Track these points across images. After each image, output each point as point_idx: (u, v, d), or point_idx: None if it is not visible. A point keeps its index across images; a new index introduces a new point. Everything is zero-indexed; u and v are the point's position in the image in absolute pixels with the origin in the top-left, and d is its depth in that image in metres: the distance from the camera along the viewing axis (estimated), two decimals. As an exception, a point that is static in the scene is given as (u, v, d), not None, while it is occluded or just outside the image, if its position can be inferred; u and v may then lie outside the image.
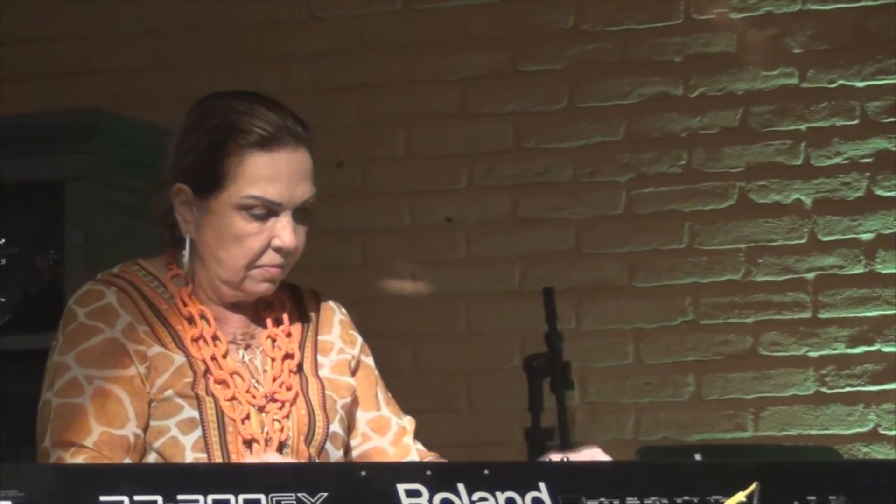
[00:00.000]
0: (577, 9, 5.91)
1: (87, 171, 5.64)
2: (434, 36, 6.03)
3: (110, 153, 5.64)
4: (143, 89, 5.65)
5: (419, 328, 5.74)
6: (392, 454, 3.72)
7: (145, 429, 3.53)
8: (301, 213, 3.56)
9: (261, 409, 3.60)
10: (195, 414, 3.54)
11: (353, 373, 3.78)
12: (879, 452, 5.40)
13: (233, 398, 3.56)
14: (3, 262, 5.75)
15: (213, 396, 3.55)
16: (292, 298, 3.76)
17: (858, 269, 5.64)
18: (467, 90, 5.99)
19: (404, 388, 3.92)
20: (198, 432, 3.53)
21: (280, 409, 3.63)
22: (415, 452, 3.71)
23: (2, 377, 5.56)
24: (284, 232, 3.54)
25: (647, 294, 5.80)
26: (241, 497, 3.00)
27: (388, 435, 3.79)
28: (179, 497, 2.94)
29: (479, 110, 5.97)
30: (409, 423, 3.82)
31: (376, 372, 3.80)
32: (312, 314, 3.77)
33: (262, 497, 3.00)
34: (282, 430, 3.60)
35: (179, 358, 3.56)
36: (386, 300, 5.82)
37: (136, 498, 2.92)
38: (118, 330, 3.55)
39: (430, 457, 3.66)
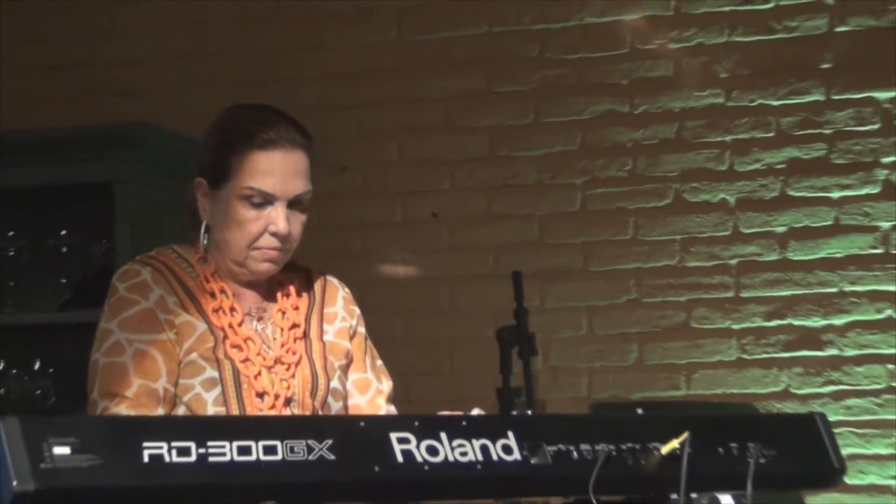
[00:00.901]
0: (541, 40, 5.92)
1: (132, 174, 5.66)
2: (422, 61, 6.03)
3: (151, 159, 5.64)
4: (178, 106, 5.67)
5: (409, 305, 5.76)
6: (364, 411, 3.78)
7: (175, 384, 3.59)
8: (296, 205, 3.62)
9: (269, 369, 3.65)
10: (215, 374, 3.60)
11: (350, 338, 3.83)
12: (789, 408, 5.42)
13: (246, 360, 3.62)
14: (64, 250, 5.80)
15: (230, 359, 3.61)
16: (304, 278, 3.83)
17: (773, 257, 5.65)
18: (451, 107, 6.00)
19: (397, 356, 3.98)
20: (217, 390, 3.59)
21: (286, 370, 3.69)
22: (383, 411, 3.77)
23: (64, 347, 5.55)
24: (279, 219, 3.61)
25: (598, 277, 5.82)
26: (261, 443, 3.05)
27: (367, 395, 3.85)
28: (209, 443, 2.99)
29: (461, 124, 5.98)
30: (387, 386, 3.87)
31: (368, 341, 3.85)
32: (320, 290, 3.83)
33: (277, 443, 3.06)
34: (288, 387, 3.65)
35: (202, 325, 3.61)
36: (381, 282, 5.84)
37: (174, 444, 2.97)
38: (152, 302, 3.61)
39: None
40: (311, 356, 3.69)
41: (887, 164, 5.58)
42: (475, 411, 3.42)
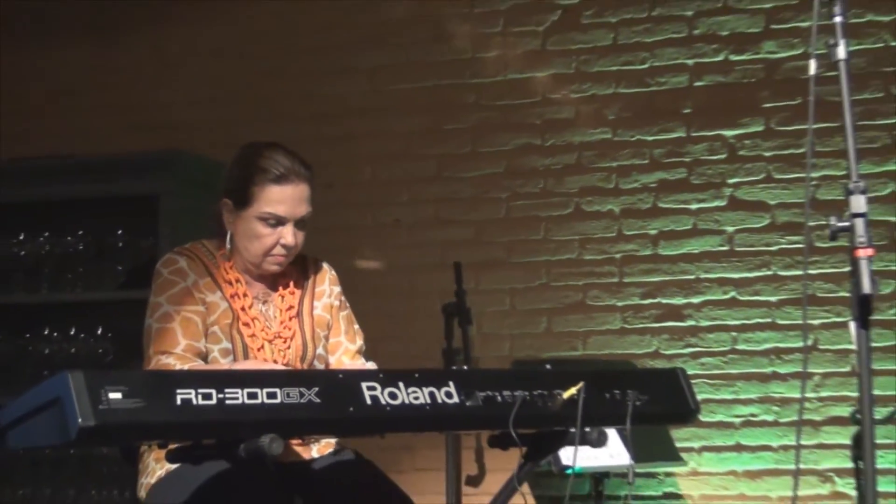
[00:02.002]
0: (476, 91, 5.89)
1: (171, 188, 5.64)
2: (389, 105, 5.99)
3: (186, 177, 5.62)
4: (206, 138, 5.64)
5: (378, 287, 5.73)
6: (344, 365, 3.79)
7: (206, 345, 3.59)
8: (300, 223, 3.62)
9: (270, 342, 3.64)
10: (229, 346, 3.60)
11: (331, 312, 3.83)
12: (659, 364, 5.41)
13: (252, 335, 3.62)
14: (120, 245, 5.77)
15: (240, 334, 3.60)
16: (300, 266, 3.86)
17: (647, 252, 5.62)
18: (409, 140, 5.96)
19: (368, 326, 3.97)
20: (229, 359, 3.59)
21: (283, 342, 3.69)
22: (347, 366, 3.76)
23: (120, 317, 5.53)
24: (288, 235, 3.62)
25: (518, 266, 5.78)
26: (265, 390, 3.04)
27: (336, 354, 3.84)
28: (226, 390, 2.98)
29: (416, 153, 5.94)
30: (356, 347, 3.87)
31: (343, 312, 3.86)
32: (312, 273, 3.86)
33: (277, 390, 3.04)
34: (284, 356, 3.65)
35: (224, 304, 3.62)
36: (357, 271, 5.81)
37: (200, 391, 2.95)
38: (189, 283, 3.63)
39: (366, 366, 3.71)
40: (303, 330, 3.70)
41: (732, 184, 5.57)
42: None
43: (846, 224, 3.04)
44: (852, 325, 3.06)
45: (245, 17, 6.22)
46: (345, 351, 3.78)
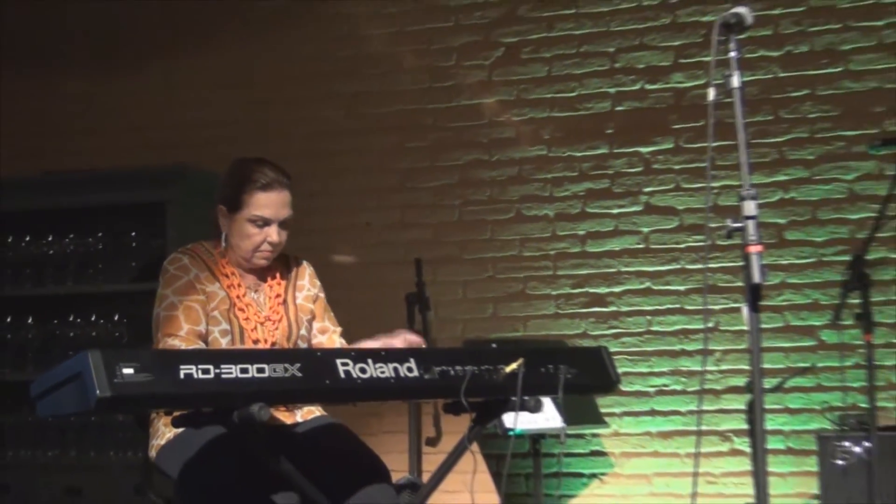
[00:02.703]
0: (434, 114, 5.88)
1: (177, 196, 5.59)
2: (363, 127, 5.97)
3: (189, 188, 5.57)
4: (206, 154, 5.58)
5: (350, 280, 5.70)
6: (324, 345, 3.77)
7: (207, 327, 3.59)
8: (283, 224, 3.62)
9: (261, 324, 3.63)
10: (227, 327, 3.59)
11: (313, 301, 3.81)
12: (586, 343, 5.41)
13: (246, 318, 3.61)
14: (134, 244, 5.73)
15: (237, 317, 3.60)
16: (284, 263, 3.85)
17: (577, 249, 5.62)
18: (379, 156, 5.94)
19: (342, 313, 3.93)
20: (228, 338, 3.59)
21: (273, 325, 3.68)
22: (337, 344, 3.75)
23: (133, 305, 5.50)
24: (273, 234, 3.62)
25: (470, 262, 5.77)
26: (255, 366, 3.03)
27: (325, 336, 3.83)
28: (222, 366, 2.96)
29: (385, 167, 5.93)
30: (338, 330, 3.87)
31: (325, 302, 3.84)
32: (295, 269, 3.83)
33: (265, 366, 3.03)
34: (273, 336, 3.63)
35: (222, 293, 3.61)
36: (334, 265, 5.79)
37: (200, 366, 2.94)
38: (191, 277, 3.62)
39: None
40: (288, 315, 3.70)
41: (647, 192, 5.57)
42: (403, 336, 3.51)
43: (740, 225, 3.06)
44: (745, 310, 3.08)
45: (242, 50, 6.19)
46: (333, 331, 3.80)
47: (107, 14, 6.36)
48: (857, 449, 4.34)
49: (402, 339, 3.54)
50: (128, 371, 2.80)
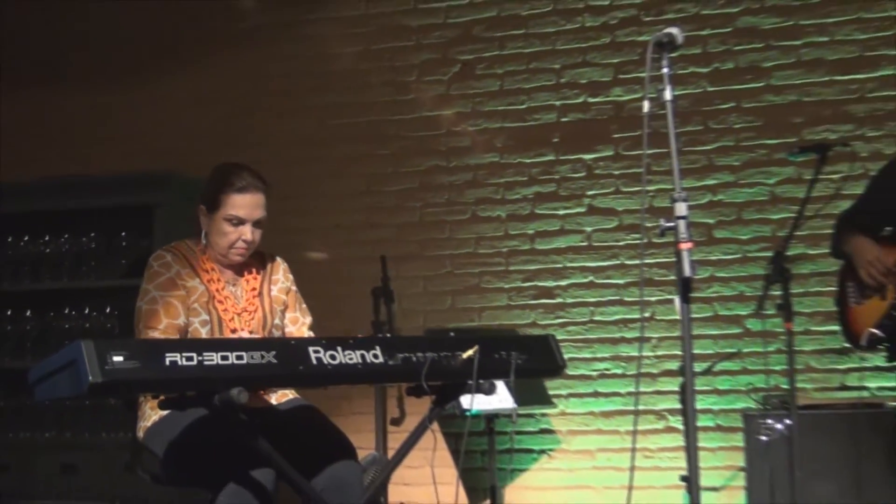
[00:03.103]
0: (397, 125, 5.87)
1: (164, 200, 5.56)
2: (333, 137, 5.95)
3: (175, 192, 5.54)
4: (193, 160, 5.52)
5: (322, 275, 5.68)
6: (295, 335, 3.78)
7: (187, 320, 3.57)
8: (257, 223, 3.62)
9: (238, 315, 3.62)
10: (207, 318, 3.57)
11: (286, 294, 3.81)
12: (535, 332, 5.39)
13: (225, 309, 3.59)
14: (124, 244, 5.69)
15: (216, 309, 3.59)
16: (260, 259, 3.86)
17: (526, 247, 5.62)
18: (347, 162, 5.92)
19: (315, 304, 3.93)
20: (207, 328, 3.57)
21: (249, 315, 3.67)
22: (307, 334, 3.76)
23: (123, 299, 5.48)
24: (247, 233, 3.61)
25: (429, 258, 5.76)
26: (234, 354, 3.02)
27: (296, 326, 3.82)
28: (204, 353, 2.95)
29: (352, 172, 5.91)
30: (308, 320, 3.87)
31: (298, 294, 3.84)
32: (269, 265, 3.83)
33: (244, 353, 3.03)
34: (250, 325, 3.62)
35: (202, 287, 3.59)
36: (307, 261, 5.77)
37: (184, 354, 2.93)
38: (173, 273, 3.60)
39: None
40: (263, 306, 3.69)
41: (590, 195, 5.59)
42: None
43: (672, 224, 3.07)
44: (677, 301, 3.09)
45: (224, 67, 6.16)
46: (302, 323, 3.80)
47: (103, 34, 6.33)
48: (778, 426, 4.37)
49: None
50: (118, 359, 2.79)
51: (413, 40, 5.93)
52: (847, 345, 4.44)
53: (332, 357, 3.13)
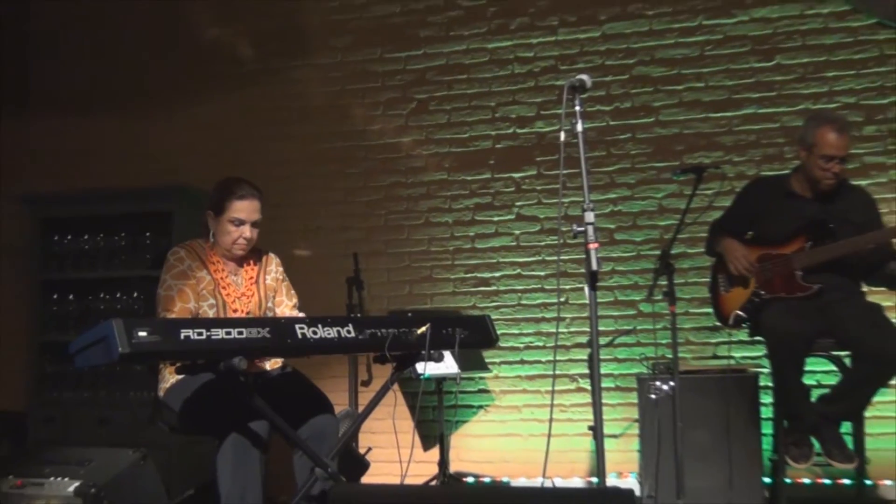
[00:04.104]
0: (366, 149, 5.83)
1: (179, 207, 5.50)
2: (315, 157, 5.88)
3: (189, 202, 5.48)
4: (202, 175, 5.47)
5: (307, 268, 5.63)
6: (279, 314, 3.76)
7: (197, 304, 3.54)
8: (254, 224, 3.59)
9: (239, 299, 3.59)
10: (213, 301, 3.55)
11: (277, 282, 3.79)
12: (476, 313, 5.39)
13: (228, 294, 3.56)
14: (148, 242, 5.61)
15: (220, 294, 3.55)
16: (257, 254, 3.83)
17: (468, 246, 5.59)
18: (326, 179, 5.87)
19: (301, 291, 3.90)
20: (214, 310, 3.54)
21: (247, 299, 3.65)
22: (293, 313, 3.74)
23: (148, 286, 5.41)
24: (246, 231, 3.59)
25: (392, 254, 5.73)
26: (235, 330, 3.00)
27: (281, 307, 3.80)
28: (212, 329, 2.93)
29: (331, 186, 5.88)
30: (294, 304, 3.84)
31: (285, 283, 3.82)
32: (264, 259, 3.82)
33: (243, 330, 3.01)
34: (248, 307, 3.60)
35: (209, 277, 3.58)
36: (294, 257, 5.71)
37: (195, 330, 2.90)
38: (185, 266, 3.56)
39: (299, 315, 3.67)
40: (259, 292, 3.66)
41: (518, 205, 5.60)
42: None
43: (582, 229, 3.09)
44: (586, 289, 3.11)
45: (224, 103, 6.09)
46: (286, 305, 3.77)
47: (127, 71, 6.26)
48: (664, 387, 4.40)
49: None
50: (142, 334, 2.77)
51: (379, 82, 5.91)
52: (718, 323, 4.50)
53: (314, 332, 3.12)
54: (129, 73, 6.26)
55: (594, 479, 5.12)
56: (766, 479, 4.45)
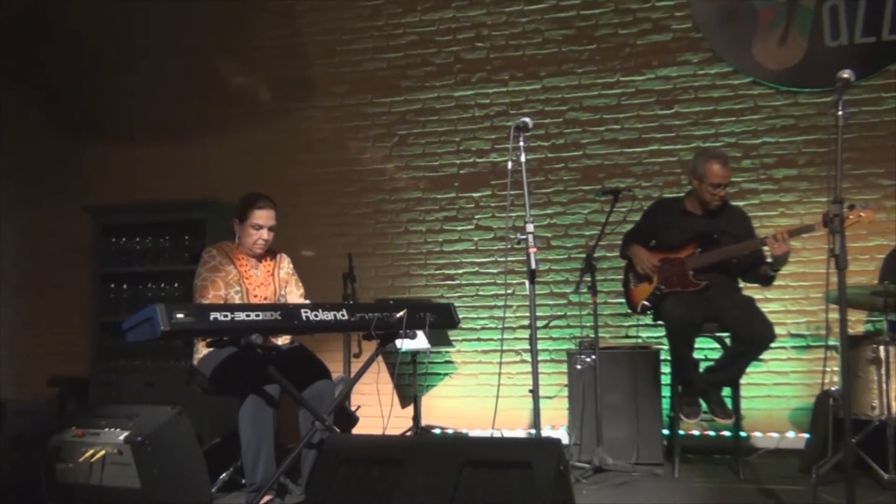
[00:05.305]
0: (359, 174, 5.81)
1: (210, 217, 5.40)
2: (317, 180, 5.85)
3: (219, 211, 5.37)
4: (231, 191, 5.43)
5: (311, 266, 5.54)
6: (289, 301, 3.71)
7: (226, 293, 3.50)
8: (271, 229, 3.56)
9: (258, 287, 3.56)
10: (239, 289, 3.52)
11: (287, 275, 3.75)
12: (444, 301, 5.33)
13: (250, 284, 3.53)
14: (186, 243, 5.51)
15: (245, 284, 3.52)
16: (273, 253, 3.81)
17: (438, 249, 5.55)
18: (326, 196, 5.83)
19: (305, 283, 3.90)
20: (239, 296, 3.51)
21: (265, 288, 3.62)
22: (300, 301, 3.70)
23: (186, 278, 5.34)
24: (265, 234, 3.57)
25: (379, 256, 5.70)
26: (254, 313, 2.97)
27: (291, 296, 3.78)
28: (236, 312, 2.90)
29: (330, 201, 5.84)
30: (301, 293, 3.81)
31: (295, 276, 3.78)
32: (278, 257, 3.79)
33: (260, 313, 2.98)
34: (265, 295, 3.57)
35: (235, 270, 3.54)
36: (302, 257, 5.64)
37: (223, 313, 2.87)
38: (216, 262, 3.52)
39: (305, 302, 3.62)
40: (274, 283, 3.63)
41: (477, 218, 5.58)
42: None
43: (524, 237, 3.10)
44: (527, 284, 3.12)
45: (248, 134, 6.03)
46: (295, 294, 3.76)
47: (165, 108, 6.19)
48: (588, 360, 4.43)
49: None
50: (180, 316, 2.74)
51: (369, 121, 5.88)
52: (629, 311, 4.52)
53: (316, 315, 3.11)
54: (173, 109, 6.19)
55: (532, 431, 5.14)
56: (665, 432, 4.48)
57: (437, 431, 5.35)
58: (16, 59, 6.36)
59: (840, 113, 2.81)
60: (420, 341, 4.50)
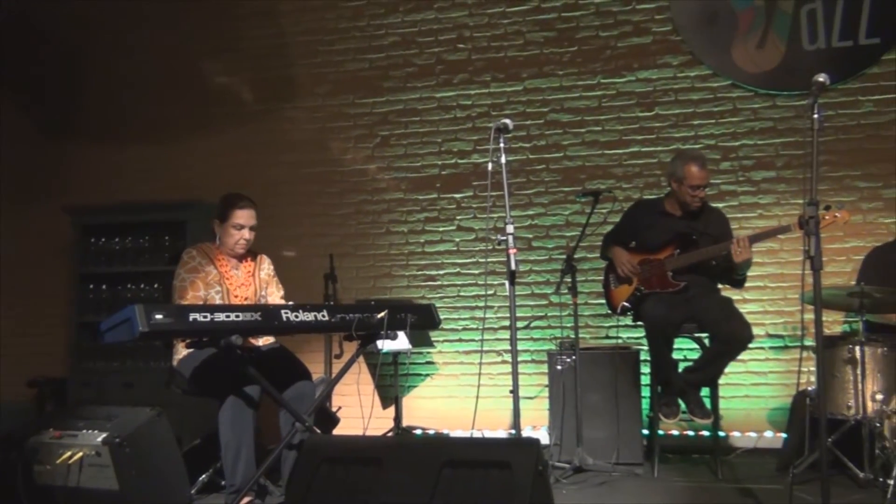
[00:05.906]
0: (341, 174, 5.79)
1: (192, 217, 5.39)
2: (299, 180, 5.83)
3: (200, 211, 5.37)
4: (212, 191, 5.40)
5: (292, 266, 5.55)
6: (270, 301, 3.68)
7: (205, 293, 3.47)
8: (252, 229, 3.54)
9: (239, 287, 3.54)
10: (219, 289, 3.50)
11: (268, 276, 3.73)
12: (425, 301, 5.34)
13: (231, 284, 3.51)
14: (167, 244, 5.48)
15: (225, 284, 3.50)
16: (254, 254, 3.78)
17: (420, 250, 5.55)
18: (309, 197, 5.81)
19: (286, 284, 3.85)
20: (219, 296, 3.49)
21: (246, 288, 3.60)
22: (280, 301, 3.69)
23: (165, 279, 5.31)
24: (245, 234, 3.56)
25: (360, 256, 5.68)
26: (234, 313, 2.94)
27: (272, 297, 3.76)
28: (216, 313, 2.87)
29: (313, 202, 5.82)
30: (282, 294, 3.80)
31: (275, 277, 3.77)
32: (259, 257, 3.77)
33: (240, 313, 2.95)
34: (246, 296, 3.55)
35: (215, 271, 3.50)
36: (283, 257, 5.64)
37: (202, 314, 2.85)
38: (196, 263, 3.49)
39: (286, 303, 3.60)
40: (255, 283, 3.62)
41: (458, 218, 5.58)
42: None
43: (505, 238, 3.10)
44: (507, 284, 3.13)
45: (230, 134, 6.00)
46: (275, 295, 3.75)
47: (150, 107, 6.15)
48: (568, 360, 4.44)
49: None
50: (159, 316, 2.72)
51: (351, 122, 5.87)
52: (609, 312, 4.54)
53: (296, 316, 3.10)
54: (154, 109, 6.15)
55: (513, 431, 5.15)
56: (645, 432, 4.50)
57: (419, 432, 5.35)
58: (-6, 58, 6.31)
59: (815, 116, 2.84)
60: (401, 342, 4.49)
